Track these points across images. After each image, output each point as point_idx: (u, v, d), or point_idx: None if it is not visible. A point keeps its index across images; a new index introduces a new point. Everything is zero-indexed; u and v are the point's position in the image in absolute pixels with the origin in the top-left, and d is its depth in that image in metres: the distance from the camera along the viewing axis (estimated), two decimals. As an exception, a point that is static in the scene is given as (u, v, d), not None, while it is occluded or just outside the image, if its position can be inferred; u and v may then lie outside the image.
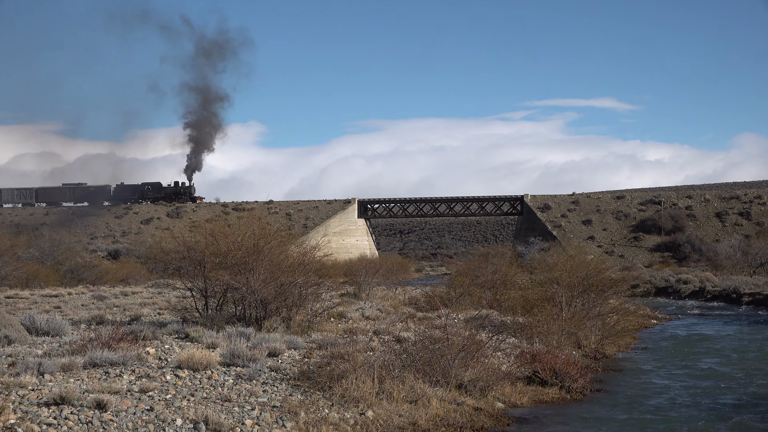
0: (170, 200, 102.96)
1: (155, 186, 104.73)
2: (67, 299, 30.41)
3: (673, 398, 16.73)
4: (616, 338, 23.66)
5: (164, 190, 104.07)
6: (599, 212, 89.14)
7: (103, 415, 11.39)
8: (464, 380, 15.49)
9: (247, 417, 12.19)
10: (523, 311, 25.46)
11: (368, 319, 24.01)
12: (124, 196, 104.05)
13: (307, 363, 15.85)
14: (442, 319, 18.57)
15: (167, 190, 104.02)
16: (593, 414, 15.20)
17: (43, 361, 13.92)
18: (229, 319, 19.92)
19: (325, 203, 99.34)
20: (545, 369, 16.98)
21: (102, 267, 46.38)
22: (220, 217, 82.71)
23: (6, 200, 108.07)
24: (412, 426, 13.09)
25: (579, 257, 27.92)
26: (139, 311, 24.42)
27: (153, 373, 14.17)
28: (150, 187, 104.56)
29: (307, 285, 20.98)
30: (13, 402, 11.68)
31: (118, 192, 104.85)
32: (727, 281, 47.46)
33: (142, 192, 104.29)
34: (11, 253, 39.43)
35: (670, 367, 20.77)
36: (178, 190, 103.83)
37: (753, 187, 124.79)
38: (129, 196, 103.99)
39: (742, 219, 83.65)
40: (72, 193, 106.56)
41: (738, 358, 22.44)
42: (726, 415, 15.15)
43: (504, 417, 14.53)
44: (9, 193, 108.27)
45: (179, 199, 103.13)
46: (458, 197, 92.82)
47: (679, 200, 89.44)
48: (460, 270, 33.20)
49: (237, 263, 20.14)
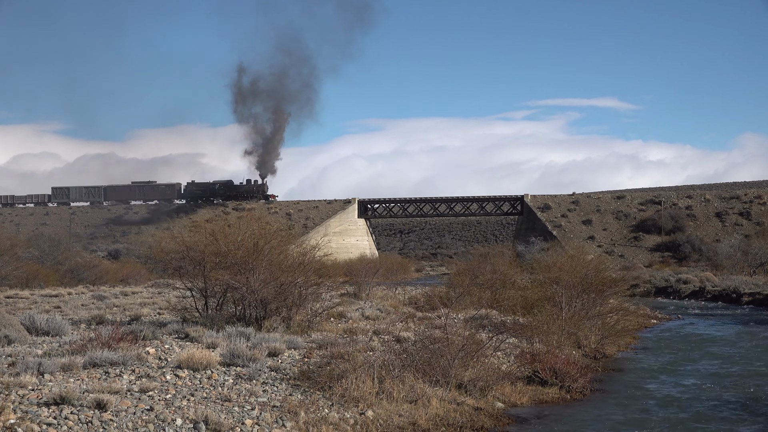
0: (242, 199, 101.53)
1: (226, 184, 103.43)
2: (67, 299, 30.41)
3: (673, 398, 16.72)
4: (616, 338, 23.66)
5: (236, 189, 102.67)
6: (599, 212, 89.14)
7: (103, 414, 11.39)
8: (464, 380, 15.49)
9: (247, 417, 12.19)
10: (523, 311, 25.45)
11: (368, 319, 24.01)
12: (195, 195, 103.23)
13: (307, 363, 15.84)
14: (441, 319, 18.57)
15: (239, 189, 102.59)
16: (593, 414, 15.19)
17: (43, 361, 13.92)
18: (229, 319, 19.92)
19: (325, 203, 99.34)
20: (545, 369, 16.98)
21: (102, 267, 46.39)
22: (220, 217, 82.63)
23: (74, 198, 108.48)
24: (412, 426, 13.09)
25: (579, 257, 27.91)
26: (139, 311, 24.42)
27: (153, 372, 14.17)
28: (221, 186, 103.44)
29: (307, 285, 20.98)
30: (13, 402, 11.67)
31: (188, 190, 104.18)
32: (727, 281, 47.46)
33: (213, 190, 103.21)
34: (11, 252, 39.43)
35: (669, 367, 20.77)
36: (251, 189, 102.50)
37: (753, 187, 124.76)
38: (200, 195, 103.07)
39: (742, 219, 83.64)
40: (141, 192, 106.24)
41: (738, 357, 22.43)
42: (726, 415, 15.15)
43: (504, 417, 14.52)
44: (77, 192, 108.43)
45: (252, 197, 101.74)
46: (458, 197, 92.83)
47: (679, 200, 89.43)
48: (459, 270, 33.18)
49: (237, 263, 20.14)
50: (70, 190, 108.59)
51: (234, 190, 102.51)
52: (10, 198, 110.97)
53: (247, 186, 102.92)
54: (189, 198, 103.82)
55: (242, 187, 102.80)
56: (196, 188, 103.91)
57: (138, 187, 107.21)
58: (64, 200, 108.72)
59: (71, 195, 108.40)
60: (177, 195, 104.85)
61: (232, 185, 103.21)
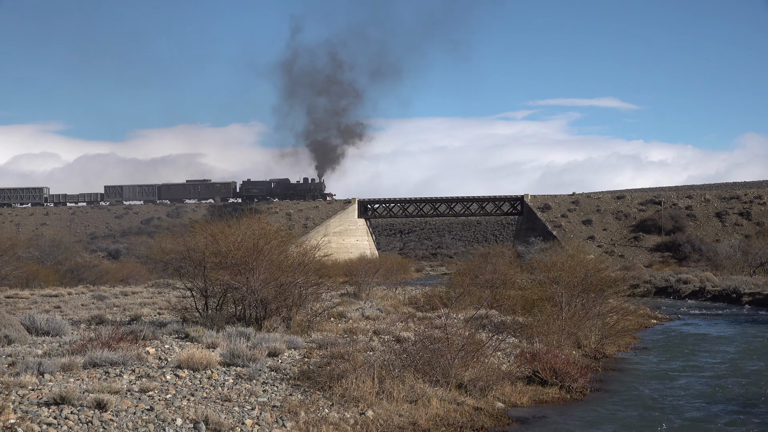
0: (300, 197, 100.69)
1: (283, 182, 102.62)
2: (67, 299, 30.42)
3: (673, 398, 16.72)
4: (616, 338, 23.65)
5: (293, 188, 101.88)
6: (599, 212, 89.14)
7: (103, 414, 11.39)
8: (464, 380, 15.49)
9: (247, 417, 12.19)
10: (523, 311, 25.46)
11: (368, 319, 24.02)
12: (251, 193, 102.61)
13: (307, 363, 15.85)
14: (442, 319, 18.56)
15: (296, 188, 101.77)
16: (593, 414, 15.19)
17: (43, 360, 13.93)
18: (229, 319, 19.92)
19: (325, 203, 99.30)
20: (545, 369, 16.98)
21: (102, 267, 46.41)
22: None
23: (127, 197, 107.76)
24: (412, 426, 13.08)
25: (579, 257, 27.90)
26: (139, 311, 24.43)
27: (153, 372, 14.18)
28: (277, 184, 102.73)
29: (307, 285, 20.98)
30: (13, 402, 11.68)
31: (244, 189, 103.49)
32: (727, 281, 47.47)
33: (269, 189, 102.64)
34: (11, 252, 39.44)
35: (670, 366, 20.77)
36: (308, 187, 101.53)
37: (753, 187, 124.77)
38: (256, 193, 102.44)
39: (742, 219, 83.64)
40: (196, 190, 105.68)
41: (738, 357, 22.43)
42: (726, 415, 15.14)
43: (504, 417, 14.52)
44: (131, 190, 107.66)
45: (309, 196, 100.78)
46: (458, 197, 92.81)
47: (679, 200, 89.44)
48: (460, 270, 33.19)
49: (237, 263, 20.14)
50: (124, 189, 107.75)
51: (291, 189, 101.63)
52: (62, 197, 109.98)
53: (304, 185, 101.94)
54: (245, 197, 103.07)
55: (299, 186, 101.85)
56: (252, 187, 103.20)
57: (193, 185, 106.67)
58: (118, 199, 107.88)
59: (124, 194, 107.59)
60: (232, 194, 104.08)
61: (288, 184, 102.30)
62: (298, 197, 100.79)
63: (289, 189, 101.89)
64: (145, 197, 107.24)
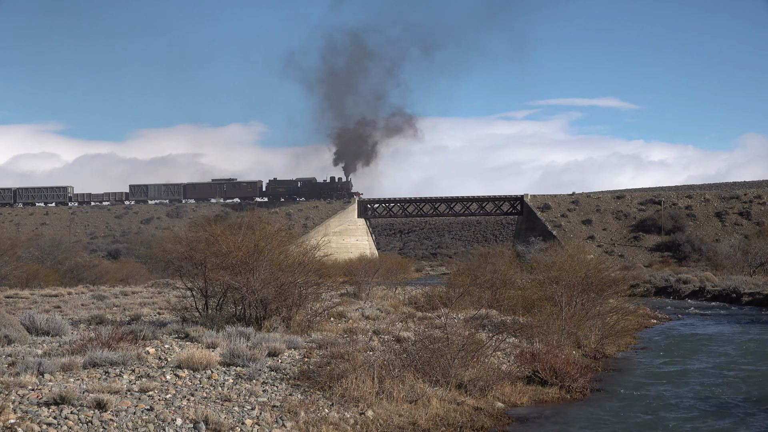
0: (326, 196, 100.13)
1: (309, 182, 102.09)
2: (67, 299, 30.42)
3: (673, 398, 16.72)
4: (615, 338, 23.66)
5: (319, 187, 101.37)
6: (599, 212, 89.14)
7: (103, 414, 11.39)
8: (464, 380, 15.49)
9: (247, 417, 12.19)
10: (523, 311, 25.45)
11: (368, 318, 24.01)
12: (277, 192, 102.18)
13: (307, 363, 15.85)
14: (441, 319, 18.56)
15: (323, 187, 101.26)
16: (593, 414, 15.19)
17: (43, 360, 13.93)
18: (229, 319, 19.92)
19: (325, 203, 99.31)
20: (545, 369, 16.98)
21: (102, 267, 46.43)
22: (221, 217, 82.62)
23: (152, 196, 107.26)
24: (412, 426, 13.09)
25: (579, 257, 27.90)
26: (139, 311, 24.43)
27: (153, 372, 14.18)
28: (303, 183, 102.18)
29: (307, 285, 20.97)
30: (13, 402, 11.68)
31: (270, 188, 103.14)
32: (727, 281, 47.49)
33: (295, 188, 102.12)
34: (11, 252, 39.46)
35: (670, 366, 20.77)
36: (335, 186, 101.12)
37: (753, 186, 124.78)
38: (282, 193, 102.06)
39: (742, 219, 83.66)
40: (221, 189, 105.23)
41: (738, 357, 22.44)
42: (726, 415, 15.15)
43: (504, 417, 14.52)
44: (156, 189, 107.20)
45: (336, 195, 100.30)
46: (458, 197, 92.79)
47: (679, 200, 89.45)
48: (459, 270, 33.16)
49: (237, 263, 20.14)
50: (149, 188, 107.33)
51: (317, 188, 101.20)
52: (86, 196, 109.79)
53: (330, 184, 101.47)
54: (271, 196, 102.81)
55: (326, 185, 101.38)
56: (279, 186, 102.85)
57: (218, 184, 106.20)
58: (142, 198, 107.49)
59: (149, 193, 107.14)
60: (258, 193, 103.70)
61: (315, 183, 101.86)
62: (324, 196, 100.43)
63: (315, 188, 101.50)
64: (170, 196, 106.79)
